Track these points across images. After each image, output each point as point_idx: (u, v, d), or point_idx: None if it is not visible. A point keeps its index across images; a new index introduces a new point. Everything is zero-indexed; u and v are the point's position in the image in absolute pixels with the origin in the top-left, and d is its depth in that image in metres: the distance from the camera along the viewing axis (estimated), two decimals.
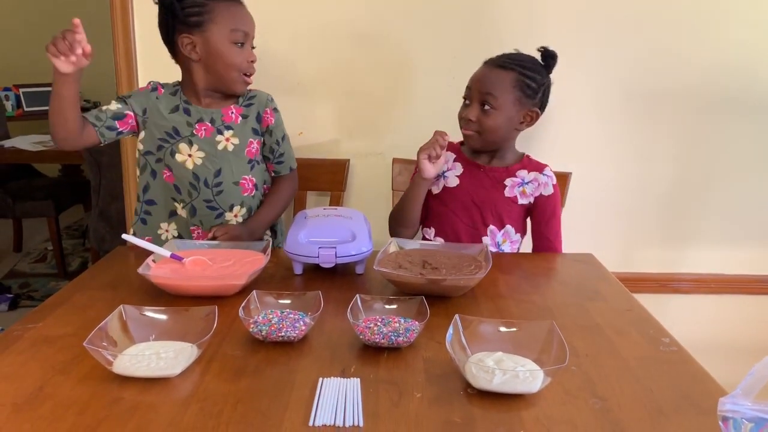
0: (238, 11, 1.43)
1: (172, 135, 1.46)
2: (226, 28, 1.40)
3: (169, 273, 1.18)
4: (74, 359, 0.91)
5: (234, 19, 1.41)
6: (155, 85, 1.50)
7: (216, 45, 1.40)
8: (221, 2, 1.40)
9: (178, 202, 1.50)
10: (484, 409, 0.81)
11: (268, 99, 1.54)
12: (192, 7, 1.38)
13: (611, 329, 1.05)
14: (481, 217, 1.50)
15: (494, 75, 1.44)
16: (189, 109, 1.47)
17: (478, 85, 1.44)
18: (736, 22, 1.77)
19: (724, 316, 2.01)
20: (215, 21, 1.39)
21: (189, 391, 0.84)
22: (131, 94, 1.48)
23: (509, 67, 1.43)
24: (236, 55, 1.42)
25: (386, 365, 0.91)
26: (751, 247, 1.96)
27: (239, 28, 1.41)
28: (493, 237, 1.50)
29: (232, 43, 1.41)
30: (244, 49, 1.44)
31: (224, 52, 1.41)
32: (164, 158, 1.48)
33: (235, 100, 1.52)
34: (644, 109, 1.84)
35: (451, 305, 1.11)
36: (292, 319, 0.97)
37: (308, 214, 1.39)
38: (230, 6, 1.42)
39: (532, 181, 1.49)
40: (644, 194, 1.91)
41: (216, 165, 1.47)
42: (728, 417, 0.60)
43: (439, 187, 1.55)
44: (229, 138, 1.48)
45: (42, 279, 3.24)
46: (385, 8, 1.77)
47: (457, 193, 1.52)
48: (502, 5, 1.76)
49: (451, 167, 1.54)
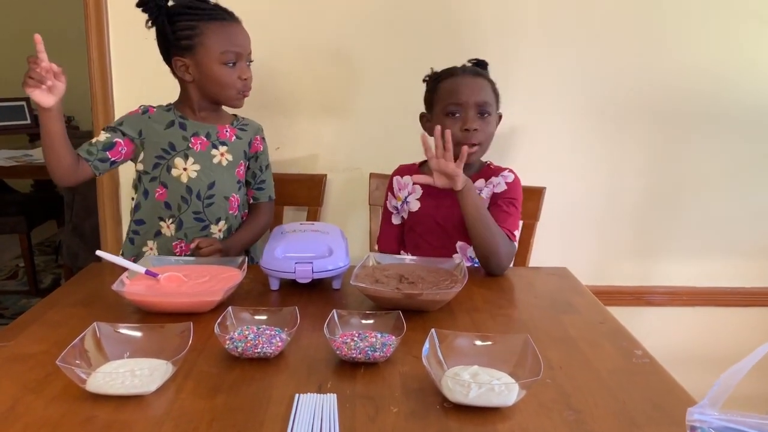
0: (229, 31, 1.42)
1: (168, 151, 1.46)
2: (216, 50, 1.40)
3: (143, 289, 1.17)
4: (47, 377, 0.90)
5: (224, 41, 1.40)
6: (145, 108, 1.49)
7: (207, 67, 1.41)
8: (211, 23, 1.40)
9: (165, 219, 1.49)
10: (460, 422, 0.81)
11: (260, 128, 1.60)
12: (183, 30, 1.39)
13: (585, 342, 1.06)
14: (447, 235, 1.51)
15: (479, 83, 1.47)
16: (184, 124, 1.48)
17: (473, 95, 1.44)
18: (706, 37, 1.82)
19: (697, 327, 2.04)
20: (205, 44, 1.40)
21: (164, 409, 0.83)
22: (122, 121, 1.47)
23: (482, 73, 1.49)
24: (228, 76, 1.42)
25: (363, 380, 0.92)
26: (722, 260, 1.99)
27: (229, 49, 1.41)
28: (463, 252, 1.51)
29: (223, 64, 1.41)
30: (236, 68, 1.43)
31: (216, 74, 1.42)
32: (159, 176, 1.47)
33: (230, 120, 1.54)
34: (616, 123, 1.88)
35: (428, 319, 1.12)
36: (269, 335, 0.97)
37: (285, 229, 1.39)
38: (221, 27, 1.41)
39: (488, 185, 1.49)
40: (617, 208, 1.94)
41: (210, 178, 1.48)
42: (696, 426, 0.61)
43: (405, 213, 1.56)
44: (224, 153, 1.50)
45: (13, 296, 3.18)
46: (362, 24, 1.79)
47: (420, 217, 1.53)
48: (478, 21, 1.79)
49: (412, 191, 1.56)
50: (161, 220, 1.50)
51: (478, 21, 1.79)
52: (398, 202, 1.59)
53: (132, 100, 1.54)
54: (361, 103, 1.86)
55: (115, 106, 1.83)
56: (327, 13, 1.78)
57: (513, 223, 1.44)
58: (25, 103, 4.34)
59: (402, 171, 1.59)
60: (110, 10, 1.76)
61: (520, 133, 1.83)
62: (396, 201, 1.59)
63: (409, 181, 1.56)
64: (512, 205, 1.46)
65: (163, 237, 1.51)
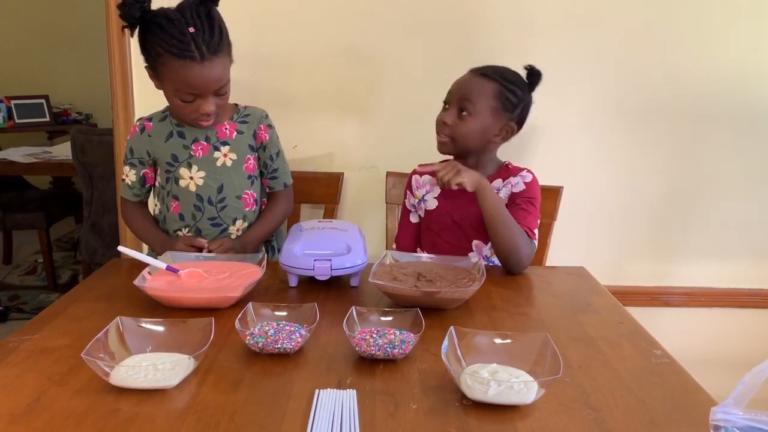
0: (187, 72, 1.29)
1: (172, 163, 1.46)
2: (172, 85, 1.33)
3: (165, 285, 1.18)
4: (71, 371, 0.91)
5: (179, 82, 1.31)
6: (142, 125, 1.48)
7: (165, 91, 1.37)
8: (173, 60, 1.28)
9: (182, 230, 1.50)
10: (479, 420, 0.82)
11: (263, 115, 1.53)
12: (152, 47, 1.31)
13: (604, 341, 1.06)
14: (464, 234, 1.51)
15: (475, 82, 1.46)
16: (182, 132, 1.47)
17: (458, 90, 1.46)
18: (725, 37, 1.81)
19: (715, 329, 2.02)
20: (164, 76, 1.33)
21: (186, 403, 0.84)
22: (131, 148, 1.48)
23: (492, 77, 1.45)
24: (182, 108, 1.36)
25: (382, 377, 0.92)
26: (740, 261, 1.98)
27: (183, 89, 1.32)
28: (479, 251, 1.51)
29: (179, 98, 1.34)
30: (193, 104, 1.34)
31: (172, 102, 1.39)
32: (171, 189, 1.48)
33: (230, 115, 1.50)
34: (634, 123, 1.87)
35: (446, 317, 1.12)
36: (288, 331, 0.98)
37: (303, 227, 1.39)
38: (181, 67, 1.28)
39: (506, 185, 1.49)
40: (635, 208, 1.93)
41: (217, 181, 1.47)
42: (720, 426, 0.61)
43: (422, 212, 1.57)
44: (227, 154, 1.48)
45: (32, 291, 3.22)
46: (380, 24, 1.80)
47: (437, 215, 1.54)
48: (494, 22, 1.79)
49: (430, 190, 1.56)
50: (178, 231, 1.50)
51: (495, 21, 1.79)
52: (415, 200, 1.59)
53: (151, 97, 1.55)
54: (378, 101, 1.86)
55: (135, 104, 1.84)
56: (344, 12, 1.79)
57: (532, 221, 1.44)
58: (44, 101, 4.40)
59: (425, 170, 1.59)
60: None
61: (538, 133, 1.83)
62: (414, 199, 1.60)
63: (428, 179, 1.56)
64: (531, 204, 1.46)
65: None
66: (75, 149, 2.70)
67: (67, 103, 4.65)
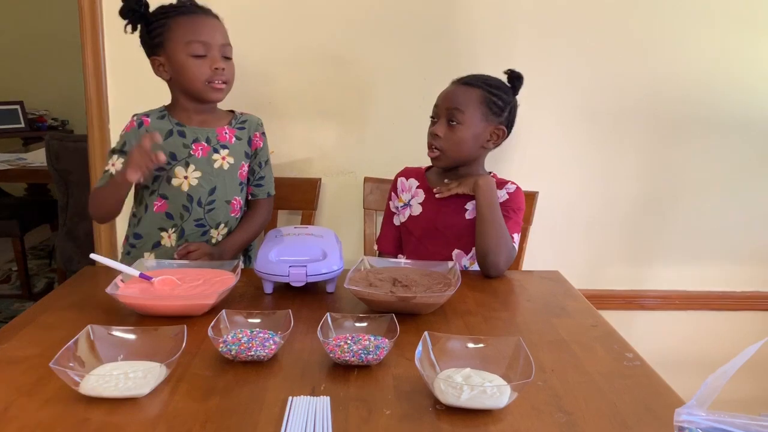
0: (194, 22, 1.41)
1: (169, 161, 1.45)
2: (182, 41, 1.40)
3: (137, 292, 1.17)
4: (40, 380, 0.90)
5: (188, 32, 1.40)
6: (140, 120, 1.48)
7: (176, 60, 1.41)
8: (177, 17, 1.41)
9: (167, 229, 1.49)
10: (452, 424, 0.82)
11: (259, 123, 1.58)
12: (155, 29, 1.41)
13: (577, 345, 1.07)
14: (446, 242, 1.52)
15: (461, 91, 1.47)
16: (183, 131, 1.47)
17: (445, 101, 1.47)
18: (699, 43, 1.84)
19: (689, 331, 2.05)
20: (171, 38, 1.40)
21: (158, 411, 0.83)
22: (124, 140, 1.46)
23: (476, 84, 1.47)
24: (197, 67, 1.41)
25: (356, 383, 0.92)
26: (714, 264, 2.01)
27: (195, 39, 1.40)
28: (459, 260, 1.52)
29: (191, 55, 1.40)
30: (206, 59, 1.41)
31: (184, 66, 1.41)
32: (158, 188, 1.47)
33: (228, 120, 1.53)
34: (609, 128, 1.89)
35: (421, 322, 1.13)
36: (262, 338, 0.97)
37: (279, 233, 1.39)
38: (186, 19, 1.41)
39: None
40: (609, 212, 1.95)
41: (211, 183, 1.48)
42: (684, 427, 0.62)
43: (405, 216, 1.57)
44: (225, 157, 1.49)
45: (6, 300, 3.17)
46: (357, 30, 1.80)
47: (420, 221, 1.54)
48: (472, 28, 1.80)
49: (414, 194, 1.57)
50: (162, 230, 1.49)
51: (474, 26, 1.80)
52: (400, 203, 1.59)
53: (126, 104, 1.54)
54: (356, 107, 1.86)
55: (109, 110, 1.83)
56: (322, 17, 1.79)
57: (513, 226, 1.46)
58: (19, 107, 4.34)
59: (408, 173, 1.61)
60: (105, 14, 1.77)
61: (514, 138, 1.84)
62: (398, 202, 1.60)
63: (413, 183, 1.57)
64: (513, 212, 1.48)
65: (162, 248, 1.50)
66: (50, 156, 2.67)
67: (43, 109, 4.58)
